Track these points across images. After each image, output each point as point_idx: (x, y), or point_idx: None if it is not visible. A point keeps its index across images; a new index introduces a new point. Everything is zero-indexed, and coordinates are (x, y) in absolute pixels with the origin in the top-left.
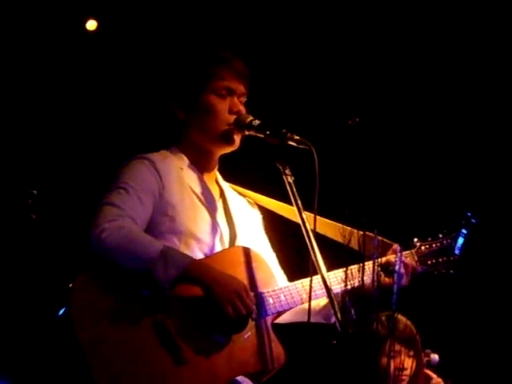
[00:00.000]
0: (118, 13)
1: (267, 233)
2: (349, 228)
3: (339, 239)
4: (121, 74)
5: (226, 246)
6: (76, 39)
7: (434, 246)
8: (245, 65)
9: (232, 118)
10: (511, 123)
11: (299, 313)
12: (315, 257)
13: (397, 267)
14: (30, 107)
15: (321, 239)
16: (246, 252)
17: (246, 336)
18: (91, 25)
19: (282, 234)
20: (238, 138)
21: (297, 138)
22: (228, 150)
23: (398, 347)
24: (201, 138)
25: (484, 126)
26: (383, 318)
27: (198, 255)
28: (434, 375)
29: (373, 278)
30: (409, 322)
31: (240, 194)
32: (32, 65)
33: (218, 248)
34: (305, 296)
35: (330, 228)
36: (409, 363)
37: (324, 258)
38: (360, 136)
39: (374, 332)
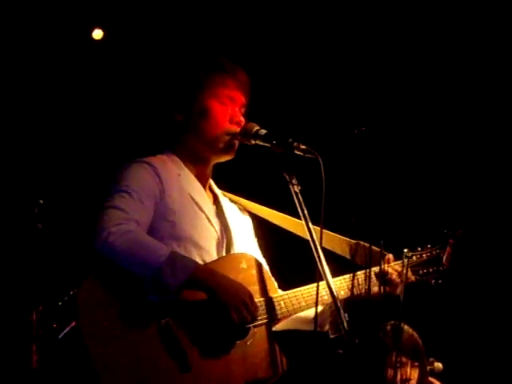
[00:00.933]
0: (124, 22)
1: (258, 240)
2: (347, 239)
3: (338, 250)
4: (127, 83)
5: (223, 252)
6: (82, 48)
7: (424, 255)
8: (248, 77)
9: (232, 127)
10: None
11: (295, 320)
12: (321, 264)
13: (394, 276)
14: (35, 116)
15: (324, 251)
16: (247, 258)
17: (248, 343)
18: (97, 34)
19: (271, 240)
20: (235, 148)
21: (303, 147)
22: (224, 158)
23: (403, 359)
24: (198, 143)
25: (487, 137)
26: (388, 329)
27: (198, 261)
28: (437, 383)
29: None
30: (414, 333)
31: (231, 200)
32: (39, 73)
33: (215, 254)
34: (304, 304)
35: (332, 240)
36: (413, 374)
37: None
38: (366, 145)
39: (379, 341)
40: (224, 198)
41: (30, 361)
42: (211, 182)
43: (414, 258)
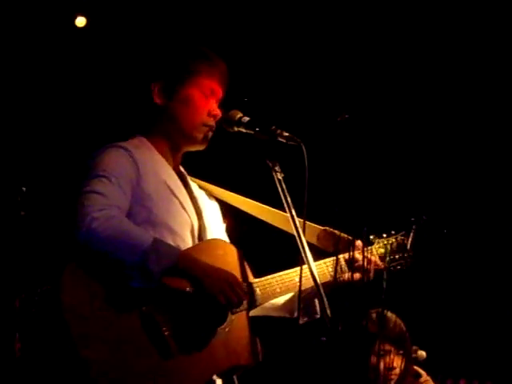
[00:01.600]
0: (107, 9)
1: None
2: (316, 225)
3: (308, 238)
4: (111, 70)
5: (196, 237)
6: (66, 35)
7: (390, 242)
8: (228, 71)
9: (209, 120)
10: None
11: (266, 307)
12: (304, 253)
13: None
14: (17, 103)
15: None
16: (223, 245)
17: (227, 329)
18: (80, 21)
19: (237, 225)
20: (208, 139)
21: (286, 134)
22: (196, 148)
23: (388, 347)
24: (173, 129)
25: (469, 122)
26: (373, 316)
27: None
28: (423, 372)
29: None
30: (399, 320)
31: (200, 187)
32: (21, 61)
33: (189, 240)
34: (278, 290)
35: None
36: (398, 362)
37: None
38: (349, 132)
39: (363, 329)
40: (193, 184)
41: (13, 349)
42: (181, 167)
43: (381, 244)
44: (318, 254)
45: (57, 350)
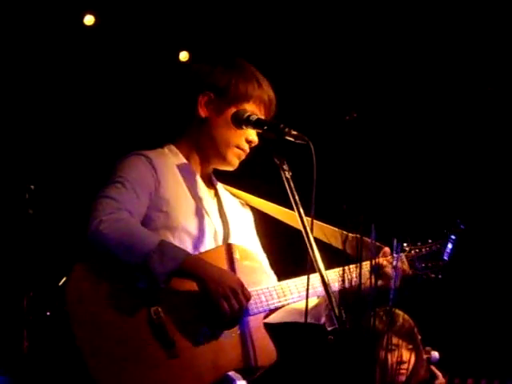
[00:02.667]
0: (116, 8)
1: (258, 234)
2: (343, 231)
3: (332, 242)
4: (119, 69)
5: (220, 243)
6: (74, 34)
7: (423, 250)
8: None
9: (244, 144)
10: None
11: (288, 312)
12: (313, 253)
13: (389, 268)
14: (27, 102)
15: (316, 241)
16: (241, 249)
17: (238, 332)
18: (89, 20)
19: (274, 235)
20: (238, 163)
21: (294, 133)
22: (225, 167)
23: (396, 341)
24: (208, 144)
25: (479, 125)
26: (381, 313)
27: (192, 251)
28: (439, 374)
29: (370, 279)
30: (406, 316)
31: (232, 194)
32: (29, 59)
33: (212, 245)
34: (296, 295)
35: (324, 231)
36: (408, 356)
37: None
38: (358, 131)
39: (371, 328)
40: (225, 192)
41: (21, 347)
42: (212, 175)
43: (413, 252)
44: (334, 260)
45: (61, 349)
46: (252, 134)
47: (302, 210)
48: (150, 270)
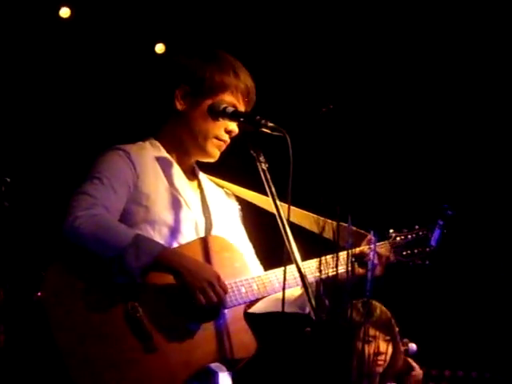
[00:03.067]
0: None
1: (245, 224)
2: (323, 218)
3: (314, 229)
4: (95, 61)
5: (201, 235)
6: (50, 27)
7: (409, 237)
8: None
9: (224, 135)
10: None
11: (273, 302)
12: (289, 245)
13: (371, 256)
14: (4, 95)
15: (296, 229)
16: (220, 241)
17: (217, 324)
18: (65, 12)
19: (260, 225)
20: (219, 154)
21: (271, 124)
22: (206, 159)
23: (373, 332)
24: (187, 137)
25: (461, 112)
26: (358, 305)
27: (173, 244)
28: (416, 365)
29: (347, 267)
30: (384, 308)
31: (217, 185)
32: (4, 52)
33: (193, 237)
34: (277, 285)
35: (304, 218)
36: (385, 348)
37: (299, 247)
38: (334, 123)
39: (348, 320)
40: (209, 182)
41: None
42: (195, 166)
43: (398, 238)
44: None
45: (38, 343)
46: (232, 124)
47: (278, 202)
48: (125, 265)
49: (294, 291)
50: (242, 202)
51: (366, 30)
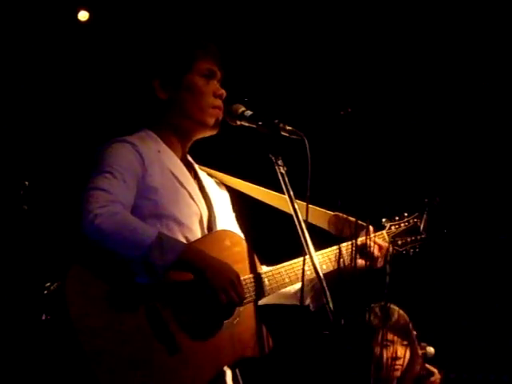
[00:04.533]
0: (110, 4)
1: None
2: (326, 211)
3: (318, 223)
4: (112, 65)
5: (205, 228)
6: (68, 30)
7: (402, 225)
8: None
9: (216, 101)
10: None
11: (276, 295)
12: (306, 243)
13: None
14: (20, 98)
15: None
16: (230, 236)
17: (235, 322)
18: (83, 15)
19: (249, 213)
20: (219, 122)
21: (289, 128)
22: (210, 133)
23: (391, 337)
24: (184, 119)
25: (464, 110)
26: (376, 309)
27: (180, 239)
28: (435, 370)
29: (353, 259)
30: (401, 312)
31: (208, 174)
32: (23, 55)
33: (198, 230)
34: (287, 280)
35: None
36: (403, 352)
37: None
38: (352, 126)
39: (365, 322)
40: (202, 173)
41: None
42: (188, 157)
43: (393, 228)
44: (324, 242)
45: (63, 348)
46: (215, 86)
47: (296, 206)
48: (150, 264)
49: (296, 285)
50: (231, 190)
51: (385, 34)
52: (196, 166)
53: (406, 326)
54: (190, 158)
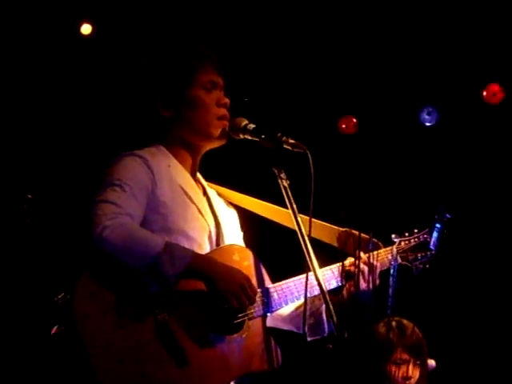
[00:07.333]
0: (113, 17)
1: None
2: (334, 227)
3: (326, 240)
4: (115, 78)
5: (214, 243)
6: (71, 43)
7: (412, 241)
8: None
9: (220, 110)
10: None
11: (273, 317)
12: (310, 259)
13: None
14: (23, 111)
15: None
16: (239, 250)
17: (244, 335)
18: (86, 29)
19: (257, 232)
20: (226, 132)
21: (292, 141)
22: (218, 144)
23: (406, 356)
24: (190, 133)
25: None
26: (393, 324)
27: None
28: None
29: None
30: (416, 329)
31: (217, 193)
32: (26, 69)
33: (207, 246)
34: (296, 294)
35: (317, 229)
36: (414, 372)
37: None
38: (355, 141)
39: (370, 336)
40: (211, 191)
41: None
42: (198, 174)
43: (403, 243)
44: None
45: (71, 359)
46: (220, 97)
47: (299, 219)
48: (160, 272)
49: (295, 309)
50: (239, 210)
51: (385, 43)
52: (205, 183)
53: (422, 345)
54: (199, 175)
